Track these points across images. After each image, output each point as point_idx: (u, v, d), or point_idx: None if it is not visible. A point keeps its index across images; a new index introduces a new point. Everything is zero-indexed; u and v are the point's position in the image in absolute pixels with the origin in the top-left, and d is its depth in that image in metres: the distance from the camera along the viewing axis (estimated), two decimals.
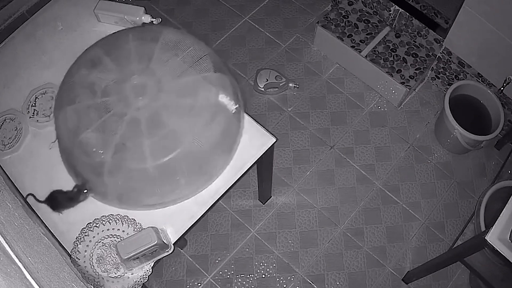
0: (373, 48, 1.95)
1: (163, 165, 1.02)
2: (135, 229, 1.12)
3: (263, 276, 1.72)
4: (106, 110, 1.03)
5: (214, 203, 1.17)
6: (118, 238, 1.11)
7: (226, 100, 1.09)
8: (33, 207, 1.16)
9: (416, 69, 1.91)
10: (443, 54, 1.85)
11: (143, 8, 1.35)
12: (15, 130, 1.23)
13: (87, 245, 1.10)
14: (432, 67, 1.96)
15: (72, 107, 1.06)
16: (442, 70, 1.94)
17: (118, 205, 1.14)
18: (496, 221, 1.09)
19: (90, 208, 1.15)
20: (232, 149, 1.19)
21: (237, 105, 1.13)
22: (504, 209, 1.10)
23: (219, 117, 1.08)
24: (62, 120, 1.07)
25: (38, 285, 0.71)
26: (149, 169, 1.02)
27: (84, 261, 1.09)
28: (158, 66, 1.07)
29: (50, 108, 1.25)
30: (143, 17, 1.34)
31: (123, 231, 1.12)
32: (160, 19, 1.37)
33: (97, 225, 1.12)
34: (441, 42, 1.82)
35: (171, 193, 1.10)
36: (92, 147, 1.02)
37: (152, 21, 1.35)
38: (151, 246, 1.02)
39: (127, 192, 1.09)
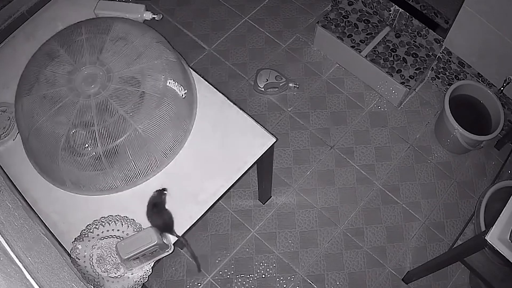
0: (373, 48, 1.95)
1: (112, 149, 1.07)
2: (135, 229, 1.12)
3: (263, 276, 1.72)
4: (59, 99, 1.08)
5: (214, 203, 1.17)
6: (118, 238, 1.11)
7: (175, 86, 1.14)
8: (33, 207, 1.16)
9: (416, 69, 1.91)
10: (443, 54, 1.85)
11: (144, 6, 1.35)
12: (8, 120, 1.26)
13: (87, 245, 1.10)
14: (432, 67, 1.96)
15: (28, 98, 1.11)
16: (442, 70, 1.94)
17: (76, 191, 1.17)
18: (496, 221, 1.09)
19: (91, 207, 1.15)
20: (184, 134, 1.22)
21: (185, 91, 1.17)
22: (504, 209, 1.10)
23: (167, 103, 1.12)
24: (19, 110, 1.13)
25: (38, 285, 0.71)
26: (99, 154, 1.07)
27: (84, 261, 1.09)
28: (108, 56, 1.12)
29: None
30: (144, 15, 1.34)
31: (123, 231, 1.12)
32: (162, 15, 1.37)
33: (97, 227, 1.12)
34: (441, 42, 1.82)
35: (122, 177, 1.14)
36: (46, 135, 1.08)
37: (154, 18, 1.35)
38: (151, 246, 1.02)
39: (81, 177, 1.13)
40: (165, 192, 1.14)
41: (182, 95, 1.16)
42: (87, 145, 1.07)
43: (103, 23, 1.19)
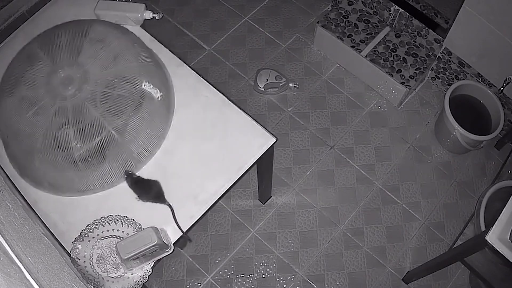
0: (373, 48, 1.95)
1: (86, 151, 1.09)
2: (135, 229, 1.12)
3: (263, 276, 1.72)
4: (36, 101, 1.09)
5: (214, 203, 1.17)
6: (118, 238, 1.11)
7: (150, 89, 1.15)
8: (33, 207, 1.16)
9: (416, 69, 1.91)
10: (443, 54, 1.85)
11: (144, 5, 1.34)
12: None
13: (87, 245, 1.10)
14: (432, 67, 1.96)
15: (6, 100, 1.12)
16: (442, 70, 1.94)
17: (53, 192, 1.17)
18: (496, 221, 1.09)
19: (91, 207, 1.15)
20: (161, 135, 1.22)
21: (161, 93, 1.18)
22: (504, 209, 1.10)
23: (143, 105, 1.14)
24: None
25: (38, 285, 0.71)
26: (74, 155, 1.08)
27: (84, 261, 1.09)
28: (86, 59, 1.14)
29: None
30: (144, 14, 1.34)
31: (123, 231, 1.12)
32: (162, 14, 1.37)
33: (97, 227, 1.12)
34: (441, 42, 1.82)
35: (97, 178, 1.15)
36: (23, 137, 1.10)
37: (154, 17, 1.35)
38: (151, 246, 1.02)
39: (57, 178, 1.14)
40: (130, 172, 1.16)
41: (158, 98, 1.18)
42: (63, 147, 1.08)
43: (82, 25, 1.21)
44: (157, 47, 1.34)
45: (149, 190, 1.15)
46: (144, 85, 1.15)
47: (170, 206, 1.14)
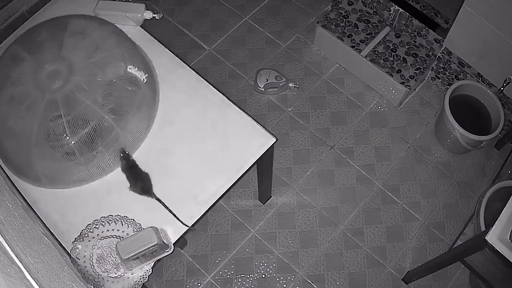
0: (373, 48, 1.95)
1: (81, 138, 1.10)
2: (135, 229, 1.12)
3: (263, 276, 1.72)
4: (26, 98, 1.11)
5: (214, 203, 1.17)
6: (118, 238, 1.11)
7: (135, 72, 1.18)
8: (33, 207, 1.16)
9: (416, 69, 1.91)
10: (443, 54, 1.85)
11: (144, 5, 1.35)
12: None
13: (87, 245, 1.10)
14: (432, 67, 1.96)
15: None
16: (442, 70, 1.94)
17: (52, 186, 1.18)
18: (496, 221, 1.09)
19: (90, 208, 1.15)
20: (150, 119, 1.24)
21: (146, 75, 1.21)
22: (504, 209, 1.10)
23: (130, 88, 1.16)
24: None
25: (38, 285, 0.71)
26: (70, 144, 1.10)
27: (84, 261, 1.09)
28: (69, 51, 1.16)
29: None
30: (144, 14, 1.35)
31: (123, 231, 1.12)
32: (162, 14, 1.37)
33: (97, 226, 1.12)
34: (441, 42, 1.82)
35: (94, 165, 1.16)
36: (17, 134, 1.11)
37: (154, 17, 1.35)
38: (151, 246, 1.02)
39: (55, 170, 1.15)
40: (126, 153, 1.17)
41: (143, 80, 1.20)
42: (58, 138, 1.09)
43: (60, 21, 1.24)
44: (157, 47, 1.34)
45: (138, 179, 1.16)
46: (129, 68, 1.17)
47: (157, 199, 1.14)
